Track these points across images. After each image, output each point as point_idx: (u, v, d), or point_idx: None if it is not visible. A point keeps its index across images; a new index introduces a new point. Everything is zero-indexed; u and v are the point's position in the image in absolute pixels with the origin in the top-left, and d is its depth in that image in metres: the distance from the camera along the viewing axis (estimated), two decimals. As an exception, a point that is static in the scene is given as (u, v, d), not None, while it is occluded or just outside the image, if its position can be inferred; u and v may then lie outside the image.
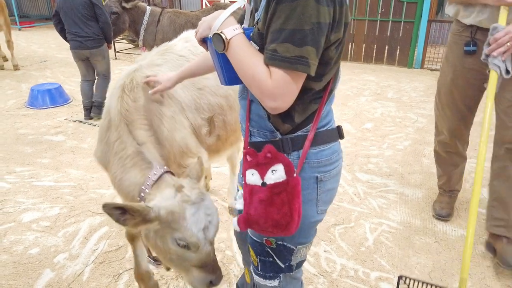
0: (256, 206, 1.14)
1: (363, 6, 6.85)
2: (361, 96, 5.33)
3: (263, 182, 1.12)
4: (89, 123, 4.43)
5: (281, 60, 0.97)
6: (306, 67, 0.98)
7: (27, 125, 4.37)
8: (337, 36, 1.03)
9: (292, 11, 0.95)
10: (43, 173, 3.34)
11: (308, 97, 1.09)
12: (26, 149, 3.78)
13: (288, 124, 1.13)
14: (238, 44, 1.05)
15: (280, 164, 1.10)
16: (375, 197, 2.96)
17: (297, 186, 1.11)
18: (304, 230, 1.23)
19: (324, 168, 1.18)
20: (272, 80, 1.00)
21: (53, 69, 6.86)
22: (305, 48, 0.96)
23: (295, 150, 1.15)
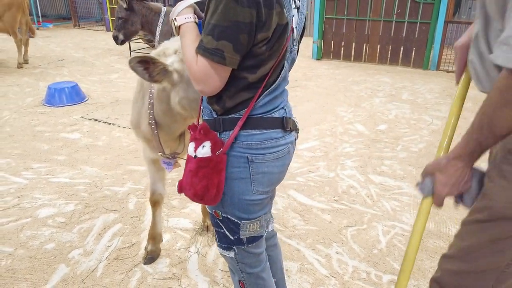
0: (186, 174, 1.32)
1: (378, 7, 6.79)
2: (375, 98, 5.29)
3: (195, 155, 1.28)
4: (104, 121, 4.49)
5: (203, 49, 1.12)
6: (222, 59, 1.11)
7: (44, 123, 4.45)
8: (265, 35, 1.13)
9: (216, 7, 1.09)
10: (59, 170, 3.40)
11: (240, 85, 1.21)
12: (43, 146, 3.85)
13: (219, 107, 1.26)
14: (185, 31, 1.23)
15: (209, 142, 1.25)
16: (388, 199, 2.93)
17: (220, 164, 1.26)
18: (241, 206, 1.35)
19: (256, 151, 1.27)
20: (197, 66, 1.16)
21: (70, 68, 6.97)
22: (221, 42, 1.10)
23: (226, 130, 1.28)
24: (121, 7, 4.78)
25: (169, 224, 2.67)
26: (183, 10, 1.25)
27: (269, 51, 1.17)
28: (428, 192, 1.15)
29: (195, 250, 2.41)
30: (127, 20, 4.84)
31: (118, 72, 6.69)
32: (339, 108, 4.89)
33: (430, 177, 1.14)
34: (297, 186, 3.11)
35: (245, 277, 1.52)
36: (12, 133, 4.17)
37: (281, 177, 1.41)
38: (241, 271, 1.51)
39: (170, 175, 3.29)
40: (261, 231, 1.46)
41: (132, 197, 2.99)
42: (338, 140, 3.97)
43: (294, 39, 1.29)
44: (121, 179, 3.25)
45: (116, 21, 4.85)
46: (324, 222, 2.67)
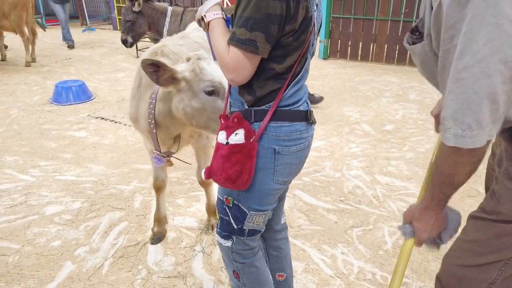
0: (217, 160, 1.37)
1: (385, 7, 6.75)
2: (382, 97, 5.26)
3: (227, 142, 1.34)
4: (111, 120, 4.51)
5: (237, 40, 1.19)
6: (255, 48, 1.19)
7: (51, 121, 4.48)
8: (292, 27, 1.21)
9: (249, 2, 1.17)
10: (65, 168, 3.42)
11: (268, 75, 1.28)
12: (50, 144, 3.88)
13: (251, 97, 1.31)
14: (215, 26, 1.30)
15: (242, 129, 1.32)
16: (394, 200, 2.91)
17: (252, 151, 1.32)
18: (258, 196, 1.40)
19: (283, 143, 1.33)
20: (229, 57, 1.23)
21: (77, 66, 7.01)
22: (254, 33, 1.18)
23: (257, 121, 1.33)
24: (128, 9, 4.79)
25: (175, 222, 2.67)
26: (212, 7, 1.32)
27: (295, 42, 1.25)
28: (409, 235, 1.26)
29: (200, 249, 2.41)
30: (135, 22, 4.85)
31: (125, 71, 6.72)
32: (346, 108, 4.86)
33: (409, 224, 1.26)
34: (302, 186, 3.10)
35: (239, 267, 1.55)
36: (19, 131, 4.20)
37: (299, 168, 1.46)
38: (234, 261, 1.54)
39: (175, 174, 3.30)
40: (262, 226, 1.51)
41: (138, 196, 3.00)
42: (344, 140, 3.96)
43: (315, 33, 1.35)
44: (127, 178, 3.26)
45: (124, 24, 4.86)
46: (329, 222, 2.66)
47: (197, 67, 1.67)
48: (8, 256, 2.34)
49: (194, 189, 3.09)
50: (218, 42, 1.27)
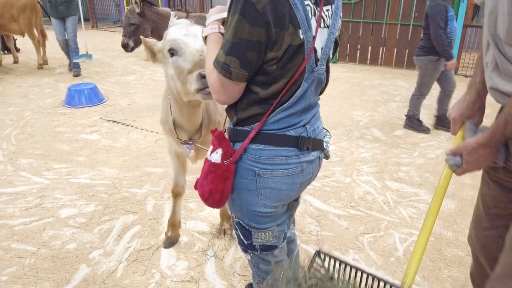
0: (201, 175, 1.40)
1: (395, 11, 6.75)
2: (391, 102, 5.25)
3: (209, 159, 1.34)
4: (122, 123, 4.57)
5: (216, 62, 1.18)
6: (228, 74, 1.16)
7: (64, 123, 4.55)
8: (274, 55, 1.14)
9: (229, 24, 1.13)
10: (79, 171, 3.47)
11: (252, 99, 1.25)
12: (63, 147, 3.94)
13: (236, 117, 1.30)
14: (209, 41, 1.29)
15: (221, 149, 1.31)
16: (405, 206, 2.92)
17: (226, 172, 1.31)
18: (249, 215, 1.38)
19: (263, 166, 1.29)
20: (213, 77, 1.22)
21: (88, 69, 7.10)
22: (229, 57, 1.14)
23: (238, 141, 1.32)
24: (133, 12, 4.84)
25: (187, 226, 2.70)
26: (212, 21, 1.29)
27: (280, 70, 1.18)
28: (455, 166, 1.25)
29: (212, 253, 2.44)
30: (139, 26, 4.88)
31: (135, 74, 6.79)
32: (355, 112, 4.87)
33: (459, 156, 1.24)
34: (313, 191, 3.12)
35: (261, 280, 1.54)
36: (33, 133, 4.27)
37: (291, 194, 1.38)
38: (257, 274, 1.54)
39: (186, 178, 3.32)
40: (276, 241, 1.46)
41: (150, 199, 3.04)
42: (354, 145, 3.97)
43: (319, 59, 1.26)
44: (139, 181, 3.31)
45: (127, 27, 4.89)
46: (340, 228, 2.67)
47: (165, 34, 1.68)
48: (24, 259, 2.38)
49: (206, 193, 3.12)
50: (209, 60, 1.25)
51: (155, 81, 6.32)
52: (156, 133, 4.27)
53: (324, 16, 1.24)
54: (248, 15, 1.08)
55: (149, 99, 5.42)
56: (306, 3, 1.16)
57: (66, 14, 6.25)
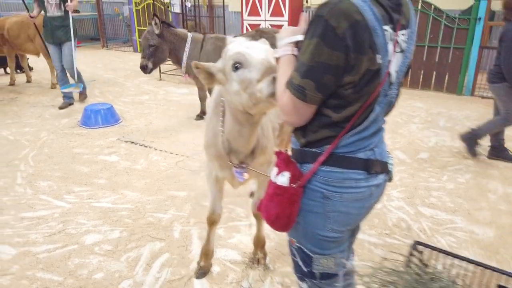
0: (265, 197, 1.36)
1: (409, 32, 6.76)
2: (411, 124, 5.18)
3: (274, 181, 1.31)
4: (140, 144, 4.49)
5: (289, 84, 1.17)
6: (302, 96, 1.15)
7: (81, 144, 4.48)
8: (352, 79, 1.13)
9: (306, 47, 1.13)
10: (100, 194, 3.38)
11: (323, 122, 1.23)
12: (83, 169, 3.86)
13: (304, 139, 1.28)
14: (282, 63, 1.28)
15: (288, 172, 1.28)
16: (443, 234, 2.80)
17: (294, 196, 1.28)
18: (314, 240, 1.34)
19: (333, 188, 1.26)
20: (284, 98, 1.21)
21: (101, 88, 7.08)
22: (305, 80, 1.13)
23: (306, 162, 1.29)
24: (152, 34, 4.83)
25: (217, 255, 2.59)
26: (286, 43, 1.27)
27: (355, 94, 1.17)
28: None
29: (247, 285, 2.33)
30: (158, 47, 4.88)
31: (149, 94, 6.76)
32: (376, 134, 4.79)
33: None
34: (344, 217, 3.01)
35: None
36: (51, 154, 4.20)
37: (359, 218, 1.38)
38: None
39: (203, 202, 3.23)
40: (337, 269, 1.41)
41: (176, 225, 2.93)
42: (379, 168, 3.87)
43: (392, 83, 1.25)
44: (163, 205, 3.21)
45: (146, 49, 4.89)
46: (378, 258, 2.56)
47: (224, 53, 1.62)
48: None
49: (233, 219, 3.02)
50: (280, 81, 1.25)
51: (169, 101, 6.28)
52: (175, 154, 4.19)
53: (399, 40, 1.23)
54: (328, 39, 1.09)
55: (165, 120, 5.37)
56: (385, 28, 1.16)
57: (64, 39, 5.52)
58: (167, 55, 5.01)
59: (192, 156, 4.14)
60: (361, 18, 1.09)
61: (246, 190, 3.40)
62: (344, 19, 1.07)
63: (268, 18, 9.08)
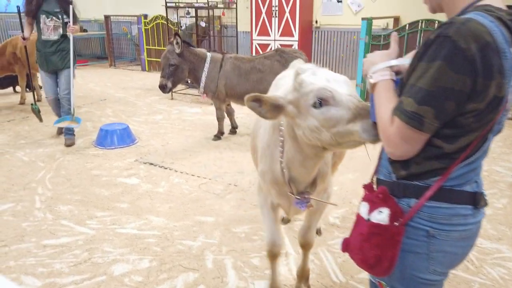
0: (356, 236, 1.25)
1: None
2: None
3: (368, 218, 1.20)
4: (160, 166, 4.36)
5: (401, 111, 1.06)
6: (419, 125, 1.04)
7: (99, 166, 4.35)
8: (476, 106, 1.04)
9: (425, 71, 1.03)
10: (124, 219, 3.23)
11: (432, 153, 1.12)
12: (103, 192, 3.72)
13: (404, 171, 1.17)
14: (380, 89, 1.18)
15: (387, 208, 1.17)
16: (492, 265, 2.65)
17: (397, 236, 1.16)
18: (411, 283, 1.22)
19: (439, 226, 1.15)
20: (392, 128, 1.09)
21: (113, 108, 6.99)
22: (423, 107, 1.03)
23: (406, 197, 1.17)
24: (173, 53, 4.78)
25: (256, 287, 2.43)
26: (382, 68, 1.20)
27: (476, 123, 1.08)
28: None
29: (294, 321, 2.17)
30: (178, 67, 4.83)
31: (162, 113, 6.66)
32: (400, 156, 4.68)
33: None
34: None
35: None
36: (68, 177, 4.06)
37: (463, 258, 1.27)
38: None
39: (240, 228, 3.08)
40: None
41: (208, 253, 2.78)
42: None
43: (507, 110, 1.15)
44: (191, 232, 3.06)
45: (166, 68, 4.82)
46: (428, 290, 2.40)
47: (297, 84, 1.46)
48: (82, 326, 2.11)
49: (267, 247, 2.86)
50: (382, 109, 1.14)
51: (184, 121, 6.18)
52: (197, 177, 4.06)
53: None
54: (455, 62, 0.99)
55: (182, 140, 5.25)
56: None
57: (60, 67, 4.75)
58: (186, 75, 4.95)
59: (215, 179, 4.01)
60: (491, 39, 0.99)
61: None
62: (474, 41, 0.98)
63: (277, 38, 9.09)
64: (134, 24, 11.26)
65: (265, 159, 1.87)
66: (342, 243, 1.33)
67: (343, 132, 1.33)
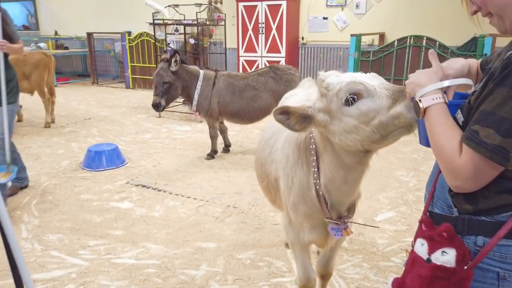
0: (413, 278, 1.11)
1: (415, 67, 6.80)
2: (430, 160, 5.05)
3: (429, 258, 1.09)
4: (153, 188, 4.17)
5: (479, 144, 0.95)
6: (504, 160, 0.94)
7: (88, 190, 4.12)
8: None
9: (509, 98, 0.92)
10: (120, 248, 3.02)
11: (504, 186, 1.01)
12: (94, 218, 3.50)
13: (470, 206, 1.06)
14: (434, 114, 1.06)
15: (453, 249, 1.05)
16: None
17: (465, 281, 1.05)
18: None
19: (510, 266, 1.04)
20: (461, 160, 0.98)
21: (99, 127, 6.75)
22: (510, 140, 0.93)
23: (472, 234, 1.07)
24: (167, 71, 4.66)
25: (270, 320, 2.27)
26: (432, 91, 1.08)
27: None
28: None
29: None
30: (172, 84, 4.71)
31: (150, 132, 6.47)
32: (398, 172, 4.63)
33: None
34: (397, 269, 2.75)
35: None
36: (56, 202, 3.82)
37: None
38: None
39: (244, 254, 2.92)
40: None
41: (213, 283, 2.61)
42: (415, 210, 3.67)
43: None
44: (193, 260, 2.88)
45: (159, 86, 4.70)
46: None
47: (323, 89, 1.37)
48: None
49: (275, 274, 2.71)
50: (443, 137, 1.03)
51: (174, 140, 6.01)
52: (194, 199, 3.89)
53: None
54: None
55: (174, 160, 5.07)
56: None
57: None
58: (180, 93, 4.81)
59: (212, 201, 3.84)
60: None
61: (280, 239, 3.12)
62: None
63: (264, 55, 9.08)
64: (118, 41, 11.09)
65: (294, 188, 1.71)
66: (393, 284, 1.20)
67: (386, 121, 1.24)
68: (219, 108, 4.86)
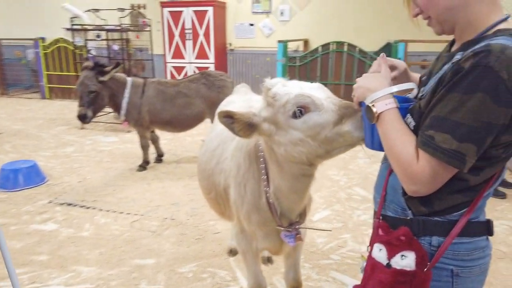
0: (375, 285, 1.11)
1: (338, 71, 7.16)
2: (357, 159, 5.34)
3: (388, 263, 1.09)
4: (80, 205, 3.86)
5: (436, 149, 0.96)
6: (461, 164, 0.96)
7: (4, 213, 3.70)
8: (508, 138, 0.99)
9: (462, 103, 0.93)
10: (46, 275, 2.74)
11: (457, 187, 1.05)
12: (14, 244, 3.14)
13: (425, 208, 1.08)
14: (388, 120, 1.05)
15: (413, 252, 1.06)
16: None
17: (426, 283, 1.06)
18: None
19: (463, 263, 1.09)
20: (418, 165, 0.98)
21: (12, 142, 6.12)
22: (465, 144, 0.94)
23: (426, 234, 1.08)
24: (92, 79, 4.39)
25: (217, 333, 2.21)
26: (384, 96, 1.08)
27: (505, 154, 1.03)
28: None
29: None
30: (98, 94, 4.44)
31: (73, 145, 6.02)
32: (329, 171, 4.82)
33: None
34: (336, 266, 2.85)
35: None
36: (-35, 230, 3.36)
37: None
38: None
39: (187, 267, 2.82)
40: None
41: (155, 302, 2.47)
42: (347, 207, 3.84)
43: None
44: (131, 279, 2.70)
45: (85, 96, 4.42)
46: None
47: (269, 98, 1.35)
48: None
49: (219, 285, 2.65)
50: (398, 143, 1.03)
51: (100, 152, 5.65)
52: (127, 214, 3.67)
53: None
54: (498, 94, 0.91)
55: (102, 173, 4.76)
56: None
57: None
58: (107, 102, 4.54)
59: (148, 214, 3.66)
60: None
61: (223, 248, 3.07)
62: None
63: (193, 61, 8.97)
64: (30, 47, 10.19)
65: (247, 197, 1.67)
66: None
67: (332, 137, 1.25)
68: (150, 116, 4.67)
